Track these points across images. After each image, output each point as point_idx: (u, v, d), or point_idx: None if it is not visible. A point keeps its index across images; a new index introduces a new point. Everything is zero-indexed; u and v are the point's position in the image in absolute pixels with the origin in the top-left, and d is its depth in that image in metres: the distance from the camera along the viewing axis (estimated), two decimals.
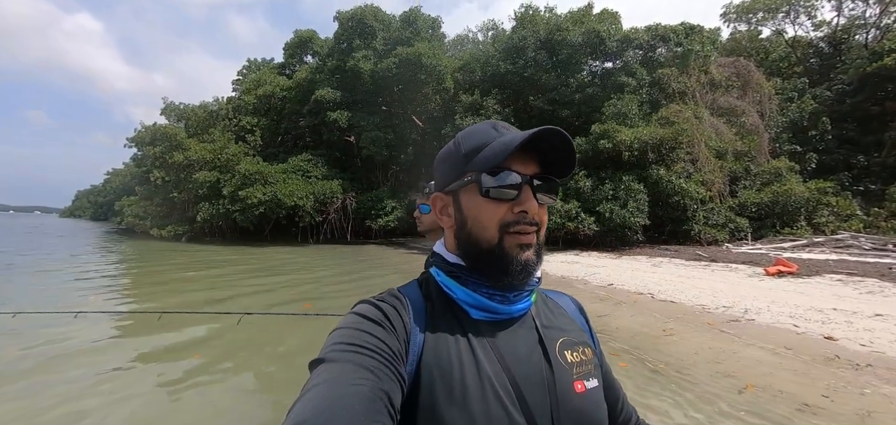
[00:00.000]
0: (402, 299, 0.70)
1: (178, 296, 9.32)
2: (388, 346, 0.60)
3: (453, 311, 0.70)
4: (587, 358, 0.72)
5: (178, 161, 25.90)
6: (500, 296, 0.69)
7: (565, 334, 0.74)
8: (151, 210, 30.11)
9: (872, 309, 6.73)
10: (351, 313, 0.66)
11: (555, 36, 22.03)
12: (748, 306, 7.32)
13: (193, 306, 7.80)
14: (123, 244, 25.55)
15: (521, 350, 0.67)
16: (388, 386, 0.55)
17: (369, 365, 0.56)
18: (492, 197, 0.67)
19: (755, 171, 19.56)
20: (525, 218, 0.67)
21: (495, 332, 0.68)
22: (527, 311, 0.72)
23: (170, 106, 31.54)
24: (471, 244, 0.70)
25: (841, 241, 14.00)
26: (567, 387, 0.66)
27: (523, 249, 0.67)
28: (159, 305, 7.72)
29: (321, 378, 0.54)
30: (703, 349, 5.36)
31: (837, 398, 3.92)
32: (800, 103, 22.97)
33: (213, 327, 6.36)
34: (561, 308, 0.82)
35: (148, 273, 13.52)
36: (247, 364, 5.16)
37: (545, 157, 0.70)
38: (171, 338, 5.86)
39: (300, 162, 27.43)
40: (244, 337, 5.86)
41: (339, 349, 0.58)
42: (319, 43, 32.74)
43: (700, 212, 17.19)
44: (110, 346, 5.65)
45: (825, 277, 9.27)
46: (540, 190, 0.69)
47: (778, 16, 29.09)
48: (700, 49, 20.24)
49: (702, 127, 18.57)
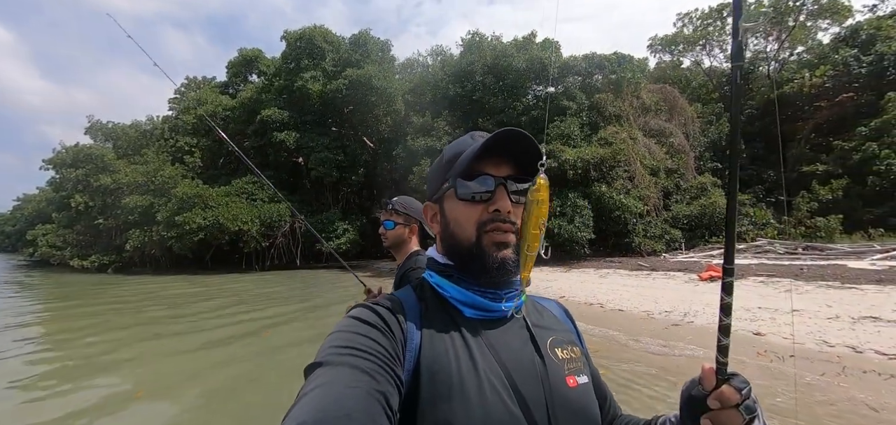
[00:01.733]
0: (397, 302, 0.72)
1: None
2: (385, 349, 0.61)
3: (447, 311, 0.73)
4: (576, 355, 0.76)
5: (105, 184, 23.83)
6: (491, 293, 0.73)
7: (555, 333, 0.78)
8: (71, 238, 27.23)
9: (789, 305, 7.55)
10: (347, 317, 0.67)
11: (501, 61, 23.02)
12: (687, 310, 7.92)
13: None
14: (35, 279, 22.78)
15: (514, 346, 0.71)
16: (386, 388, 0.56)
17: (366, 368, 0.57)
18: (466, 199, 0.73)
19: (685, 187, 21.38)
20: (499, 216, 0.71)
21: (489, 330, 0.72)
22: (518, 310, 0.76)
23: (96, 124, 29.01)
24: (454, 244, 0.75)
25: (760, 247, 15.59)
26: (560, 381, 0.69)
27: (500, 248, 0.71)
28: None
29: (318, 381, 0.54)
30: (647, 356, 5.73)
31: (780, 390, 4.34)
32: (718, 125, 25.59)
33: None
34: (549, 311, 0.87)
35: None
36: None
37: (519, 159, 0.74)
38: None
39: (245, 184, 26.15)
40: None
41: (336, 352, 0.59)
42: (266, 62, 31.82)
43: (639, 224, 18.44)
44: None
45: (750, 280, 10.26)
46: (514, 190, 0.73)
47: (696, 48, 32.46)
48: (631, 76, 22.03)
49: (636, 146, 20.10)
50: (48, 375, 5.67)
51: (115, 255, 25.42)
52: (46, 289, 17.69)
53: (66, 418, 4.26)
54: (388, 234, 2.05)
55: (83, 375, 5.63)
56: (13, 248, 72.60)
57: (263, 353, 6.67)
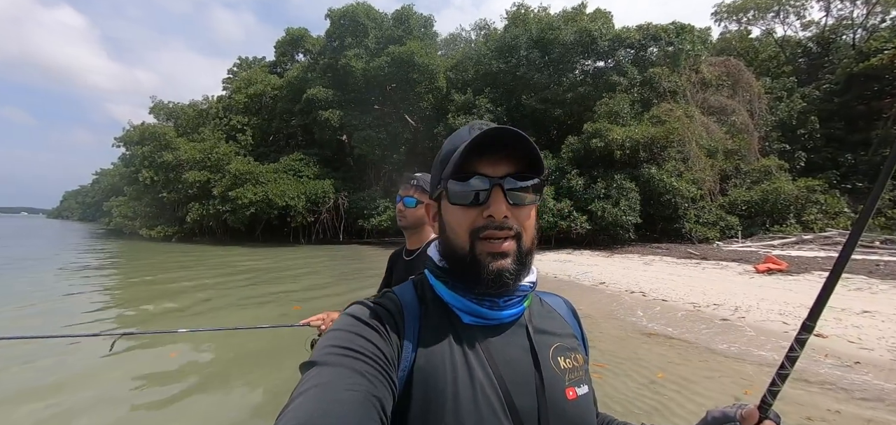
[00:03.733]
0: (396, 302, 0.69)
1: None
2: (382, 351, 0.59)
3: (447, 315, 0.68)
4: (579, 364, 0.71)
5: (168, 161, 25.59)
6: (488, 301, 0.67)
7: (558, 339, 0.72)
8: (140, 210, 29.75)
9: (860, 306, 6.78)
10: (345, 314, 0.65)
11: (547, 35, 22.04)
12: (738, 304, 7.34)
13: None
14: (111, 246, 25.16)
15: (512, 356, 0.66)
16: (381, 392, 0.55)
17: (362, 371, 0.55)
18: (457, 203, 0.67)
19: (745, 170, 19.72)
20: (492, 222, 0.64)
21: (487, 338, 0.67)
22: (519, 317, 0.70)
23: (159, 104, 31.13)
24: (449, 251, 0.69)
25: (829, 239, 14.15)
26: (559, 395, 0.65)
27: (495, 257, 0.64)
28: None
29: (313, 381, 0.53)
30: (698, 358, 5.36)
31: (842, 406, 3.92)
32: (789, 102, 23.20)
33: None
34: (554, 310, 0.80)
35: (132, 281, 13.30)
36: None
37: (521, 153, 0.65)
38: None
39: (292, 161, 27.20)
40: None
41: (333, 352, 0.57)
42: (311, 41, 32.49)
43: (691, 210, 17.30)
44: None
45: (814, 274, 9.35)
46: (513, 189, 0.65)
47: (768, 15, 29.38)
48: (691, 48, 20.37)
49: (693, 125, 18.70)
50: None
51: (177, 226, 27.50)
52: (130, 258, 19.49)
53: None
54: (407, 213, 1.87)
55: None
56: (93, 218, 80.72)
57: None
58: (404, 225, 1.89)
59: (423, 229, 1.89)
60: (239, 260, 17.15)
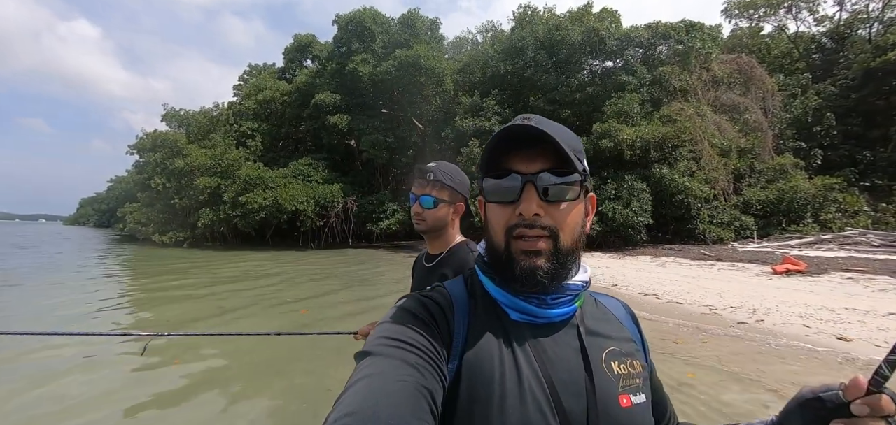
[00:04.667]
0: (447, 296, 0.69)
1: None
2: (432, 344, 0.60)
3: (495, 312, 0.68)
4: (636, 371, 0.68)
5: (179, 167, 25.91)
6: (536, 298, 0.66)
7: (613, 343, 0.69)
8: (153, 216, 30.10)
9: (886, 307, 6.54)
10: (397, 307, 0.66)
11: (554, 35, 21.89)
12: (757, 306, 7.13)
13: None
14: (124, 251, 25.52)
15: (561, 356, 0.64)
16: (431, 383, 0.55)
17: (413, 362, 0.56)
18: (492, 200, 0.67)
19: (760, 169, 19.32)
20: (523, 220, 0.63)
21: (536, 336, 0.66)
22: (570, 317, 0.69)
23: (170, 112, 31.56)
24: (489, 247, 0.70)
25: (849, 238, 13.76)
26: (611, 400, 0.63)
27: (529, 256, 0.63)
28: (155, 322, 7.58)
29: (367, 371, 0.54)
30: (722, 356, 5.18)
31: None
32: (803, 99, 22.70)
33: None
34: (610, 313, 0.77)
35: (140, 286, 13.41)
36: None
37: (558, 146, 0.63)
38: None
39: (301, 166, 27.37)
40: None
41: (385, 343, 0.58)
42: (319, 47, 32.72)
43: (704, 210, 16.99)
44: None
45: (835, 275, 9.07)
46: (550, 184, 0.63)
47: (780, 11, 28.83)
48: (701, 46, 20.06)
49: (704, 124, 18.38)
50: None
51: (188, 232, 27.77)
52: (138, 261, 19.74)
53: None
54: (426, 215, 1.53)
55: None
56: (108, 224, 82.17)
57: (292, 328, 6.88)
58: (424, 229, 1.57)
59: (446, 231, 1.59)
60: (258, 265, 17.23)
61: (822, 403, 0.58)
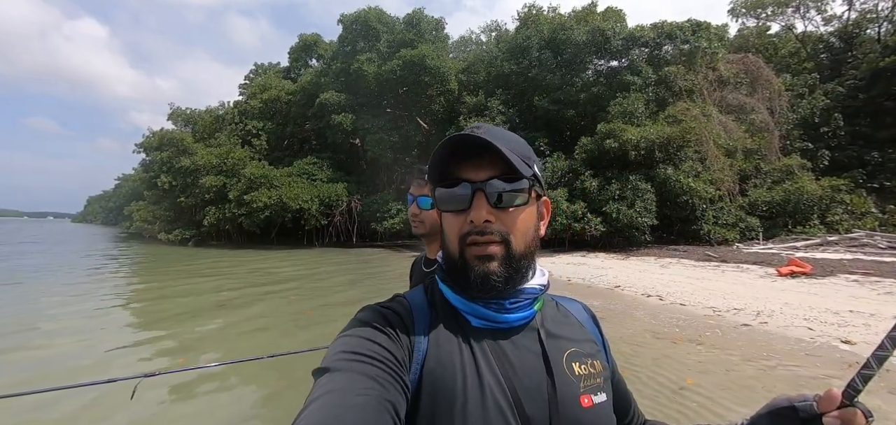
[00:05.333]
0: (406, 305, 0.69)
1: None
2: (393, 355, 0.59)
3: (456, 319, 0.68)
4: (596, 370, 0.69)
5: (185, 166, 26.11)
6: (495, 303, 0.66)
7: (574, 344, 0.71)
8: (159, 214, 30.40)
9: (891, 310, 6.49)
10: (355, 319, 0.65)
11: (559, 35, 21.83)
12: (760, 309, 7.09)
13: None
14: (131, 249, 25.76)
15: (522, 360, 0.65)
16: (394, 396, 0.54)
17: (374, 375, 0.55)
18: (445, 209, 0.68)
19: (766, 169, 19.19)
20: (475, 228, 0.64)
21: (496, 340, 0.66)
22: (529, 320, 0.69)
23: (177, 111, 31.82)
24: (446, 256, 0.71)
25: (856, 240, 13.65)
26: (573, 401, 0.63)
27: (482, 261, 0.64)
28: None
29: (327, 387, 0.52)
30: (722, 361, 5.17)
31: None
32: (811, 99, 22.50)
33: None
34: (571, 315, 0.78)
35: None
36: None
37: (508, 153, 0.64)
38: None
39: (305, 165, 27.51)
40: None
41: (344, 357, 0.57)
42: (324, 46, 32.83)
43: (709, 211, 16.90)
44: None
45: (840, 278, 9.00)
46: (500, 191, 0.64)
47: (787, 10, 28.62)
48: (707, 46, 19.93)
49: (710, 125, 18.27)
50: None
51: (194, 230, 28.02)
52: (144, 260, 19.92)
53: None
54: (425, 217, 1.51)
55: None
56: (114, 222, 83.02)
57: (301, 330, 6.94)
58: (422, 232, 1.53)
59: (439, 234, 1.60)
60: (271, 265, 17.33)
61: (795, 412, 0.59)
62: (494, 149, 0.62)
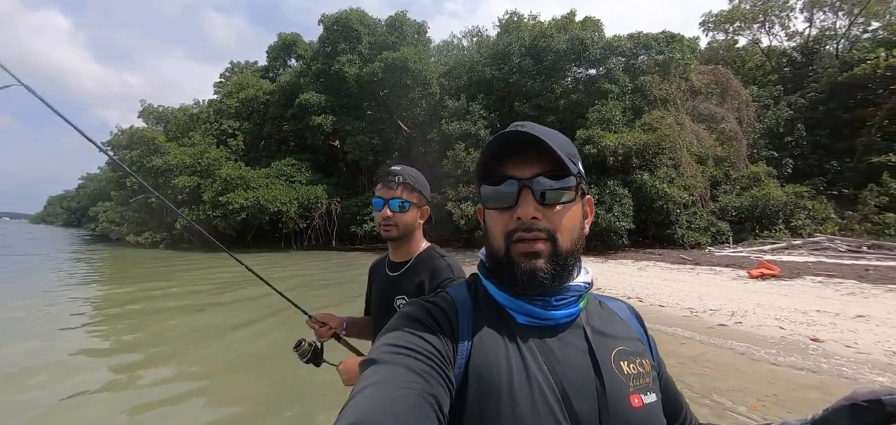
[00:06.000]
0: (451, 301, 0.69)
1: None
2: (437, 350, 0.60)
3: (500, 315, 0.68)
4: (645, 370, 0.68)
5: (157, 165, 25.20)
6: (541, 300, 0.66)
7: (621, 343, 0.69)
8: (128, 216, 29.20)
9: (854, 310, 6.89)
10: (401, 314, 0.66)
11: (539, 42, 22.24)
12: (735, 309, 7.41)
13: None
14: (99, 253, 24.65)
15: (569, 358, 0.64)
16: (437, 390, 0.55)
17: (418, 369, 0.55)
18: (490, 207, 0.69)
19: (735, 176, 20.03)
20: (521, 224, 0.64)
21: (542, 338, 0.65)
22: (575, 318, 0.69)
23: (148, 108, 30.73)
24: (490, 253, 0.70)
25: (818, 244, 14.41)
26: (622, 400, 0.62)
27: (529, 258, 0.64)
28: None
29: (372, 379, 0.54)
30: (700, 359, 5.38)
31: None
32: (776, 110, 23.66)
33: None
34: (616, 315, 0.77)
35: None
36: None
37: (554, 151, 0.64)
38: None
39: (284, 166, 26.99)
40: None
41: (390, 350, 0.58)
42: (303, 46, 32.36)
43: (683, 216, 17.50)
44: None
45: (806, 279, 9.49)
46: (546, 189, 0.65)
47: (754, 26, 29.97)
48: (681, 57, 20.69)
49: (683, 133, 18.95)
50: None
51: (165, 232, 27.03)
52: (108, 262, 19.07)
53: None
54: (397, 220, 1.44)
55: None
56: (78, 223, 79.21)
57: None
58: (393, 236, 1.46)
59: (414, 237, 1.51)
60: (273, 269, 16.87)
61: (881, 406, 0.54)
62: (542, 144, 0.63)
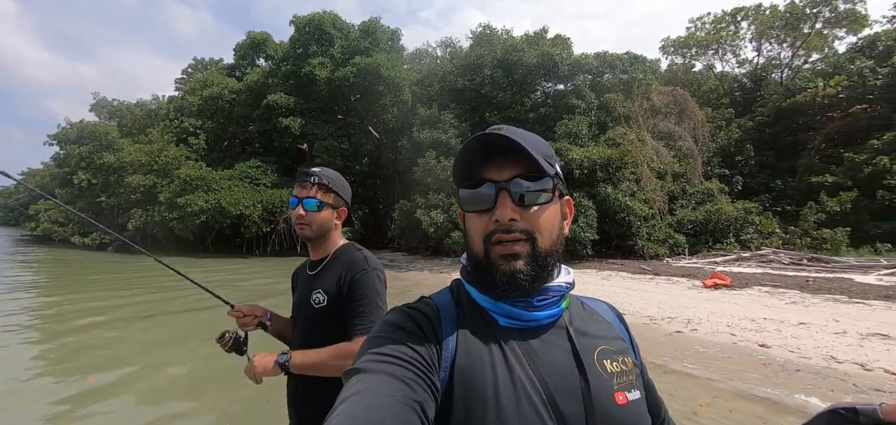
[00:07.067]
0: (433, 306, 0.69)
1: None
2: (421, 356, 0.59)
3: (483, 318, 0.68)
4: (628, 367, 0.69)
5: (109, 162, 23.78)
6: (522, 302, 0.67)
7: (604, 342, 0.70)
8: (74, 216, 27.30)
9: (797, 317, 7.41)
10: (384, 322, 0.66)
11: (511, 56, 22.74)
12: (690, 317, 7.79)
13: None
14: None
15: (553, 358, 0.64)
16: (421, 396, 0.55)
17: (402, 376, 0.55)
18: (469, 210, 0.69)
19: (691, 192, 21.15)
20: (500, 226, 0.65)
21: (526, 339, 0.66)
22: (557, 318, 0.69)
23: (101, 102, 29.01)
24: (469, 256, 0.71)
25: (764, 256, 15.41)
26: (607, 398, 0.63)
27: (508, 260, 0.64)
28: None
29: (355, 388, 0.53)
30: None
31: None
32: (727, 131, 25.25)
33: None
34: (598, 314, 0.78)
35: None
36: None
37: (531, 153, 0.65)
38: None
39: (248, 168, 26.08)
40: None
41: (374, 359, 0.58)
42: (273, 46, 31.60)
43: (643, 228, 18.26)
44: None
45: (754, 289, 10.11)
46: (524, 191, 0.66)
47: (708, 52, 32.01)
48: (643, 77, 21.72)
49: (645, 149, 19.86)
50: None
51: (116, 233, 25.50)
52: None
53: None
54: (310, 219, 1.50)
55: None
56: (15, 222, 73.22)
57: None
58: (307, 236, 1.53)
59: (330, 236, 1.58)
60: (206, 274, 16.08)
61: (856, 414, 0.57)
62: (518, 147, 0.64)
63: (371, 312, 1.43)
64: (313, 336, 1.47)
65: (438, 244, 20.18)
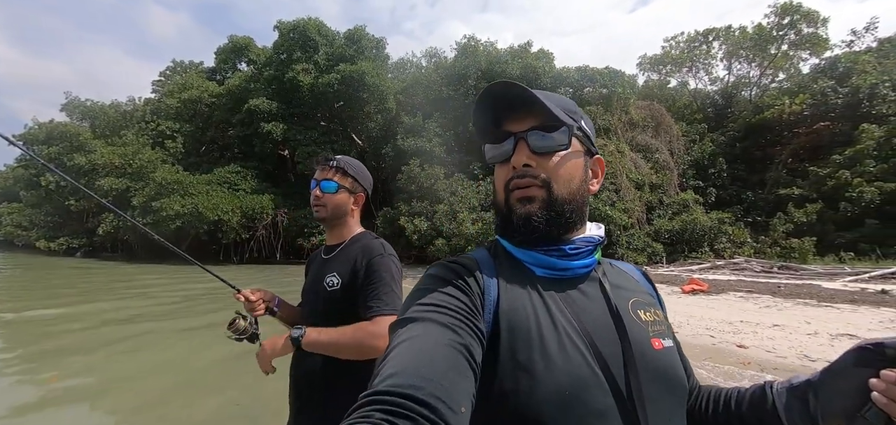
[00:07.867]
0: (472, 259, 0.71)
1: None
2: (464, 303, 0.61)
3: (521, 269, 0.70)
4: (660, 318, 0.71)
5: (79, 164, 22.91)
6: (555, 251, 0.69)
7: (636, 295, 0.73)
8: (39, 219, 26.12)
9: (770, 320, 7.72)
10: (426, 275, 0.68)
11: (495, 67, 23.12)
12: (671, 321, 8.00)
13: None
14: None
15: (589, 305, 0.67)
16: (468, 341, 0.56)
17: (448, 323, 0.57)
18: (493, 162, 0.74)
19: (667, 202, 21.82)
20: (516, 173, 0.69)
21: (563, 288, 0.68)
22: (591, 269, 0.72)
23: (73, 102, 27.99)
24: (496, 209, 0.74)
25: (737, 264, 15.99)
26: (644, 343, 0.65)
27: (523, 203, 0.68)
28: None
29: (405, 336, 0.56)
30: None
31: None
32: (701, 145, 26.24)
33: None
34: (627, 273, 0.81)
35: None
36: None
37: (546, 107, 0.67)
38: None
39: (227, 173, 25.55)
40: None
41: (419, 309, 0.60)
42: (256, 51, 31.22)
43: (623, 237, 18.71)
44: None
45: (730, 294, 10.48)
46: (540, 140, 0.68)
47: (683, 69, 33.35)
48: (621, 91, 22.43)
49: (624, 160, 20.44)
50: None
51: (84, 238, 24.50)
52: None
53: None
54: (326, 200, 1.53)
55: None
56: None
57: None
58: (323, 216, 1.56)
59: (347, 221, 1.60)
60: (180, 282, 15.56)
61: (882, 349, 0.57)
62: (533, 98, 0.66)
63: (388, 294, 1.40)
64: (321, 319, 1.44)
65: (422, 251, 20.15)
